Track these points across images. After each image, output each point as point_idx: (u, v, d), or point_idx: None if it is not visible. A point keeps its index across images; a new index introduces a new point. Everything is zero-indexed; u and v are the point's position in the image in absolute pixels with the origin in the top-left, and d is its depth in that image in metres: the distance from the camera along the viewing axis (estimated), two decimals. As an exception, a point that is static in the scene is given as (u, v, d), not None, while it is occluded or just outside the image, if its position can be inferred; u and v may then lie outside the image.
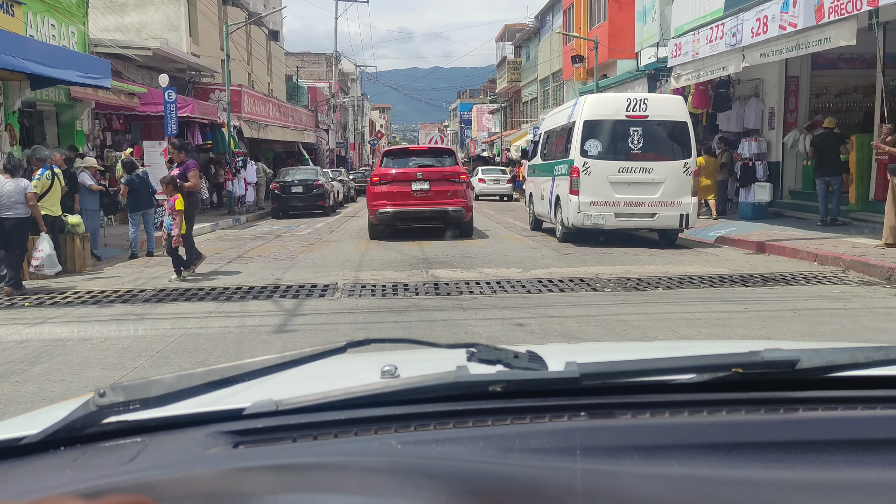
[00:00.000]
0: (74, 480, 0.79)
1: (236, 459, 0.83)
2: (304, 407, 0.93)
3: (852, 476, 0.78)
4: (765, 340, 1.87)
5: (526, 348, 1.05)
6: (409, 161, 13.42)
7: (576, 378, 0.91)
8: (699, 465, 0.79)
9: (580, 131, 11.33)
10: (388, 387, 0.94)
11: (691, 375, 0.99)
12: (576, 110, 11.80)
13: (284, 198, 21.43)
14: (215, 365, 0.99)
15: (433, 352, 1.30)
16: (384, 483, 0.75)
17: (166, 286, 8.18)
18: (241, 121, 22.84)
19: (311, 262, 10.04)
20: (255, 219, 21.33)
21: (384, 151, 14.01)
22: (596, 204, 11.27)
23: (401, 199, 12.71)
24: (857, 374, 1.02)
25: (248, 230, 16.89)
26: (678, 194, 11.26)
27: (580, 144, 11.31)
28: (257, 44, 34.59)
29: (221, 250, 11.98)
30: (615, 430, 0.87)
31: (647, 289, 7.65)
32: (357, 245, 12.30)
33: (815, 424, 0.88)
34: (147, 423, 0.93)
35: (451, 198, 12.78)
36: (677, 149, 11.35)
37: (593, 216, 11.26)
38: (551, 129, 13.63)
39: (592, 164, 11.26)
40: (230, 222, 18.75)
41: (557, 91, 34.60)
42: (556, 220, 12.36)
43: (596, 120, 11.34)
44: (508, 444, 0.82)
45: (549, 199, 12.85)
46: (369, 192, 13.17)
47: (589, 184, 11.28)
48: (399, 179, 12.85)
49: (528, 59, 43.08)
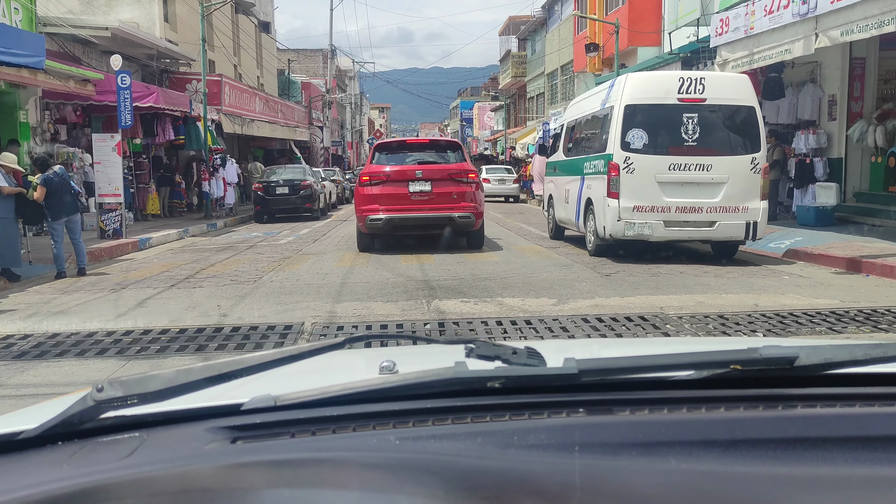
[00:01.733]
0: (72, 475, 0.78)
1: (234, 455, 0.83)
2: (302, 402, 0.93)
3: (850, 473, 0.78)
4: (763, 338, 1.53)
5: (524, 344, 1.03)
6: (407, 157, 10.95)
7: (574, 374, 0.91)
8: (697, 462, 0.78)
9: (620, 119, 9.04)
10: (386, 382, 0.94)
11: (690, 372, 0.98)
12: (613, 93, 9.50)
13: (268, 200, 19.15)
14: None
15: (432, 348, 1.52)
16: (382, 479, 0.75)
17: (60, 331, 5.86)
18: (220, 114, 20.53)
19: (278, 285, 7.73)
20: (236, 223, 19.05)
21: (376, 145, 11.60)
22: (640, 210, 8.98)
23: (396, 203, 10.39)
24: (856, 372, 1.01)
25: (221, 238, 14.60)
26: (744, 197, 8.96)
27: (620, 135, 9.01)
28: (246, 34, 32.27)
29: (173, 267, 9.68)
30: (613, 426, 0.87)
31: (739, 333, 5.37)
32: (342, 260, 10.00)
33: (813, 421, 0.88)
34: (145, 417, 0.92)
35: (458, 201, 10.46)
36: (743, 140, 9.05)
37: (637, 225, 8.96)
38: (578, 119, 11.32)
39: (636, 160, 8.96)
40: (204, 228, 16.46)
41: (567, 84, 32.28)
42: (587, 229, 10.06)
43: (640, 104, 9.05)
44: (507, 440, 0.82)
45: (577, 204, 10.55)
46: (358, 194, 10.84)
47: (632, 184, 8.98)
48: (394, 179, 10.52)
49: (533, 53, 40.75)
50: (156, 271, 9.29)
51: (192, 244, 13.36)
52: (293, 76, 40.11)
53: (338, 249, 11.40)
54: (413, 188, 10.46)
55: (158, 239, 13.56)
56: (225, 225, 18.07)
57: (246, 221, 19.77)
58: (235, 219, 19.40)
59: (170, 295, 7.35)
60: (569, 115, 12.18)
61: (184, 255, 11.40)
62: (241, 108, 22.97)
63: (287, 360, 0.94)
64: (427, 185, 10.48)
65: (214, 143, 19.47)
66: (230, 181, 19.75)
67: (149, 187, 18.24)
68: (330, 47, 42.12)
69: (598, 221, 9.46)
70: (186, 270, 9.26)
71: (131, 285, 8.10)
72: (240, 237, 14.63)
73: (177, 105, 16.28)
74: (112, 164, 12.54)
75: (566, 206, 11.36)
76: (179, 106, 16.44)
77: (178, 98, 16.51)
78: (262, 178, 20.05)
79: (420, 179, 10.48)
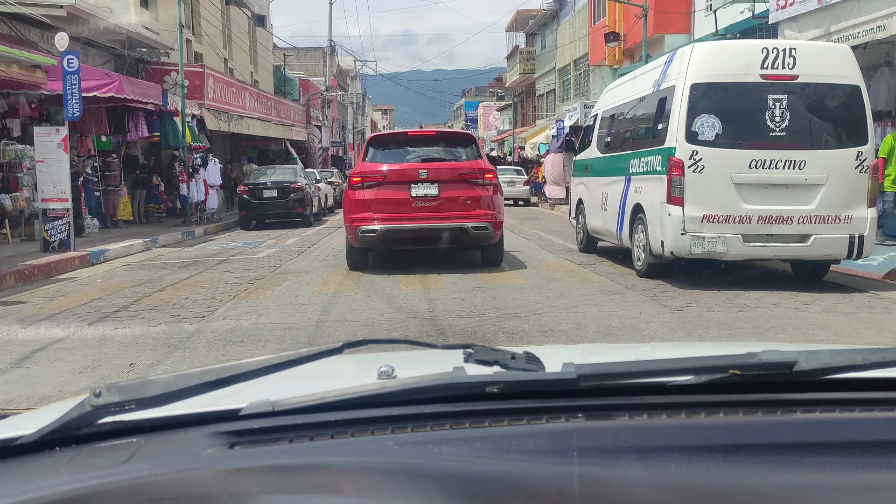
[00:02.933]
0: (70, 481, 0.78)
1: (232, 460, 0.83)
2: (300, 408, 0.92)
3: (850, 478, 0.77)
4: (763, 342, 1.49)
5: (523, 349, 1.02)
6: (408, 153, 8.88)
7: (573, 379, 0.90)
8: (697, 467, 0.78)
9: (684, 103, 6.96)
10: (384, 387, 0.93)
11: (689, 377, 0.98)
12: (673, 69, 7.43)
13: (254, 204, 17.12)
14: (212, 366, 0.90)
15: (430, 353, 1.47)
16: (381, 484, 0.75)
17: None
18: (203, 109, 18.50)
19: (230, 328, 5.65)
20: (219, 230, 17.02)
21: (370, 138, 9.45)
22: (711, 220, 6.90)
23: (394, 211, 8.33)
24: (855, 377, 1.01)
25: (193, 249, 12.55)
26: (847, 204, 6.88)
27: (685, 124, 6.94)
28: (238, 27, 30.26)
29: (113, 291, 7.62)
30: (612, 431, 0.86)
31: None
32: (325, 282, 7.93)
33: (812, 426, 0.88)
34: (143, 423, 0.92)
35: (472, 208, 8.39)
36: (846, 130, 6.98)
37: (707, 240, 6.88)
38: (619, 107, 9.24)
39: (706, 156, 6.89)
40: (178, 236, 14.43)
41: (581, 80, 30.21)
42: (635, 243, 7.99)
43: (711, 83, 6.98)
44: (505, 446, 0.82)
45: (619, 211, 8.48)
46: (348, 199, 8.74)
47: (700, 187, 6.91)
48: (392, 181, 8.45)
49: (543, 48, 38.66)
50: (87, 298, 7.24)
51: (155, 258, 11.32)
52: (290, 73, 38.03)
53: (324, 266, 9.33)
54: (416, 192, 8.40)
55: (117, 251, 11.52)
56: (205, 233, 16.04)
57: (231, 228, 17.74)
58: (218, 226, 17.36)
59: (76, 341, 5.27)
60: (605, 102, 10.08)
61: (138, 272, 9.36)
62: (227, 103, 20.93)
63: (285, 366, 0.94)
64: (433, 187, 8.41)
65: (195, 140, 17.43)
66: (212, 183, 17.69)
67: (119, 190, 16.22)
68: (329, 43, 40.05)
69: (653, 234, 7.38)
70: (125, 298, 7.20)
71: (38, 322, 6.05)
72: (215, 248, 12.58)
73: (147, 97, 14.22)
74: (57, 162, 10.48)
75: (602, 214, 9.29)
76: (150, 98, 14.38)
77: (148, 89, 14.46)
78: (248, 179, 18.01)
79: (425, 181, 8.41)
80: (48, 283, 8.58)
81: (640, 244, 7.80)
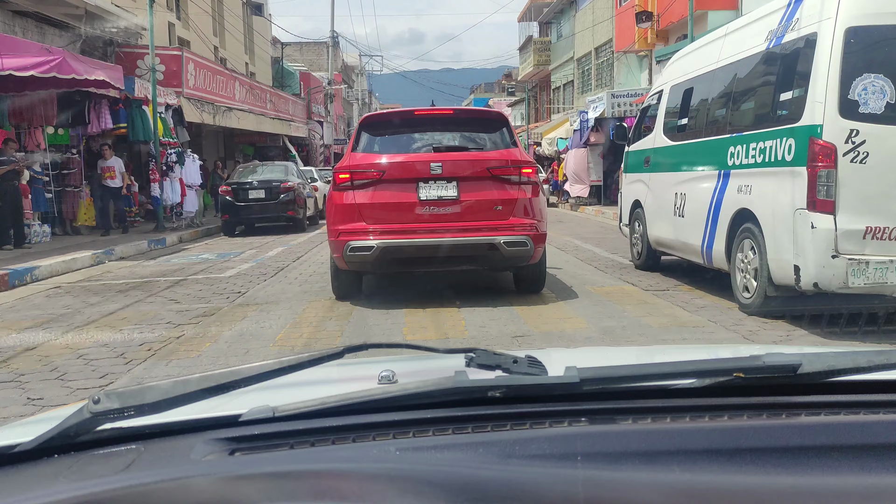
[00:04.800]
0: (68, 488, 0.77)
1: (232, 467, 0.81)
2: (301, 413, 0.91)
3: (855, 481, 0.76)
4: (766, 345, 1.30)
5: (525, 353, 1.00)
6: (415, 140, 6.47)
7: (576, 383, 0.89)
8: (701, 471, 0.77)
9: (835, 55, 4.57)
10: (386, 393, 0.92)
11: (693, 380, 0.97)
12: (805, 9, 5.01)
13: (238, 207, 14.83)
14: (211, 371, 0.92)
15: (432, 357, 1.39)
16: (382, 490, 0.74)
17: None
18: (181, 98, 16.17)
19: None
20: (198, 237, 14.72)
21: (364, 119, 6.83)
22: (881, 235, 4.52)
23: (396, 220, 5.97)
24: (860, 379, 1.00)
25: (153, 263, 10.25)
26: None
27: (837, 89, 4.55)
28: (232, 14, 27.99)
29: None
30: (616, 435, 0.85)
31: None
32: (296, 325, 5.53)
33: (817, 429, 0.87)
34: (142, 429, 0.91)
35: (504, 216, 6.01)
36: None
37: (873, 266, 4.49)
38: (701, 77, 6.82)
39: (873, 137, 4.51)
40: (143, 246, 12.11)
41: (603, 69, 27.77)
42: (738, 265, 5.59)
43: (879, 27, 4.59)
44: (508, 451, 0.81)
45: (709, 218, 6.10)
46: (332, 203, 6.29)
47: (863, 185, 4.53)
48: (394, 178, 6.04)
49: (559, 38, 36.21)
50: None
51: (100, 275, 9.01)
52: (289, 65, 35.71)
53: (303, 293, 6.97)
54: (427, 193, 6.01)
55: (54, 267, 9.21)
56: (179, 240, 13.72)
57: (214, 234, 15.46)
58: (197, 231, 15.05)
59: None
60: (675, 72, 7.65)
61: (59, 301, 7.05)
62: (213, 92, 18.60)
63: (285, 371, 0.93)
64: (451, 187, 6.01)
65: (167, 134, 15.11)
66: (191, 183, 15.36)
67: (80, 191, 13.90)
68: (331, 34, 37.71)
69: (774, 254, 4.99)
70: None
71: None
72: (180, 262, 10.25)
73: (106, 79, 11.86)
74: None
75: (676, 222, 6.91)
76: (110, 81, 12.02)
77: (106, 69, 12.11)
78: (233, 178, 15.71)
79: (439, 178, 6.00)
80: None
81: (749, 268, 5.41)
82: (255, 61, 31.57)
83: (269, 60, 33.77)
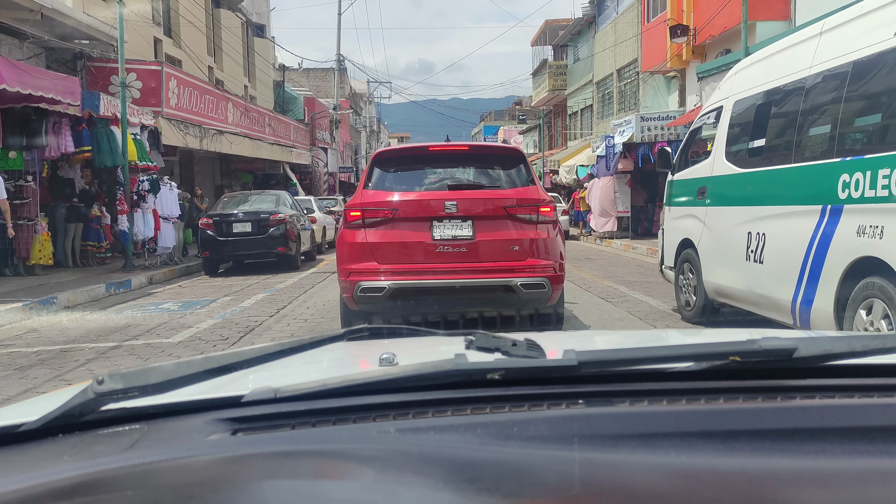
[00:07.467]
0: (73, 467, 0.78)
1: (235, 446, 0.82)
2: (302, 394, 0.91)
3: (849, 464, 0.77)
4: (762, 329, 1.42)
5: (524, 336, 1.00)
6: (429, 176, 6.13)
7: (574, 366, 0.90)
8: (697, 453, 0.77)
9: None
10: (386, 374, 0.93)
11: (689, 364, 0.97)
12: None
13: (220, 243, 12.82)
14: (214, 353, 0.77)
15: (432, 340, 1.40)
16: (382, 470, 0.74)
17: None
18: (159, 119, 14.27)
19: None
20: (174, 276, 12.72)
21: (376, 155, 6.28)
22: None
23: (409, 260, 5.64)
24: (854, 363, 1.00)
25: (100, 315, 8.25)
26: None
27: None
28: (230, 34, 26.31)
29: None
30: (613, 417, 0.86)
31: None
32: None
33: (812, 412, 0.87)
34: (146, 410, 0.91)
35: (521, 256, 5.61)
36: None
37: None
38: (785, 87, 5.08)
39: None
40: (101, 290, 10.09)
41: (627, 91, 25.86)
42: (857, 326, 3.51)
43: None
44: (506, 432, 0.81)
45: (804, 268, 4.42)
46: (342, 242, 5.90)
47: None
48: (407, 216, 5.68)
49: (576, 60, 34.47)
50: None
51: (18, 336, 6.99)
52: (292, 89, 34.06)
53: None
54: (441, 232, 5.59)
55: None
56: (150, 281, 11.70)
57: (195, 273, 13.46)
58: (174, 271, 13.03)
59: None
60: (742, 84, 5.87)
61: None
62: (199, 113, 16.74)
63: (287, 353, 0.94)
64: (466, 226, 5.57)
65: (144, 158, 13.18)
66: (166, 214, 13.37)
67: (34, 225, 11.92)
68: (337, 57, 36.09)
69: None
70: None
71: None
72: (134, 315, 8.21)
73: (54, 93, 9.94)
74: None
75: (751, 269, 5.21)
76: (59, 95, 10.10)
77: (56, 82, 10.18)
78: (216, 209, 13.74)
79: (454, 217, 5.59)
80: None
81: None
82: (256, 85, 29.90)
83: (270, 84, 32.13)
